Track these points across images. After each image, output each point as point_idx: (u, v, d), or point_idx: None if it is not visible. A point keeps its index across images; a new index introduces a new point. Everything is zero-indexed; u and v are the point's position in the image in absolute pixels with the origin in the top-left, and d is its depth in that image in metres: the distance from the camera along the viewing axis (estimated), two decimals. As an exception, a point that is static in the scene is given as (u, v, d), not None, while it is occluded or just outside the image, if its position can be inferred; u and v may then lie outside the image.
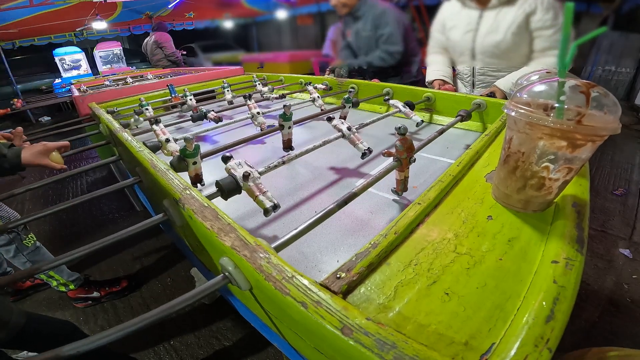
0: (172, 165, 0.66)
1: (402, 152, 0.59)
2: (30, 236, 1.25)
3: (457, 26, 1.28)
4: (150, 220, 0.54)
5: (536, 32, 1.12)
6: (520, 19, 1.11)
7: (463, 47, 1.28)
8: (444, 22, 1.35)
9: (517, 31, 1.13)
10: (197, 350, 1.18)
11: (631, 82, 4.04)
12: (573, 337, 1.14)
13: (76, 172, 0.82)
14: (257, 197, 0.56)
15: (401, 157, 0.60)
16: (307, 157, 0.76)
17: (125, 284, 1.46)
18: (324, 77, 1.67)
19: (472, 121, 1.08)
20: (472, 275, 0.37)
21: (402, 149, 0.59)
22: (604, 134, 0.37)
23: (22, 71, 5.49)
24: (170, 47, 3.83)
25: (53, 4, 4.20)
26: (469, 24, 1.23)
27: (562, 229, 0.41)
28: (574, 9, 0.36)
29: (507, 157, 0.47)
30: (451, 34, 1.31)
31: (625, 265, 1.47)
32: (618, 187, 2.13)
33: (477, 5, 1.21)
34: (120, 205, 2.21)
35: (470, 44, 1.26)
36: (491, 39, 1.18)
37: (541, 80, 0.43)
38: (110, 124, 1.02)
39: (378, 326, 0.28)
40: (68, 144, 0.88)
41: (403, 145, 0.59)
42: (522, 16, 1.11)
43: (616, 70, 4.11)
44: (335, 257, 0.55)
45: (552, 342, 0.27)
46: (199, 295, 0.37)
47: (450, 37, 1.32)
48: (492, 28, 1.17)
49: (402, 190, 0.66)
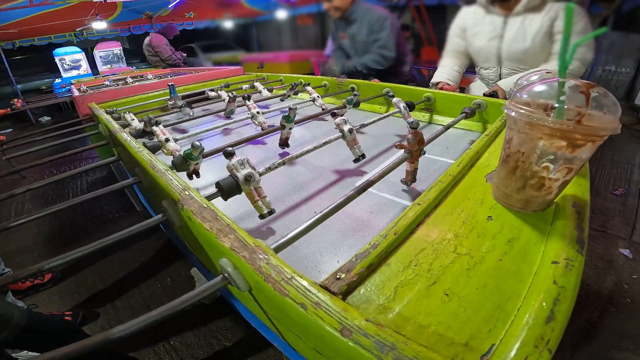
0: (174, 164, 0.66)
1: (413, 145, 0.64)
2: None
3: (481, 33, 1.28)
4: (150, 220, 0.53)
5: (557, 36, 1.13)
6: (547, 25, 1.12)
7: (488, 52, 1.29)
8: (464, 27, 1.35)
9: (544, 37, 1.14)
10: (197, 350, 1.18)
11: (631, 82, 4.04)
12: (573, 337, 1.14)
13: (76, 172, 0.82)
14: (256, 202, 0.56)
15: (412, 149, 0.64)
16: (307, 157, 0.76)
17: (49, 276, 1.50)
18: (324, 77, 1.67)
19: (472, 121, 1.08)
20: (472, 276, 0.37)
21: (413, 142, 0.64)
22: (603, 134, 0.37)
23: (22, 71, 5.47)
24: (165, 51, 3.69)
25: (53, 4, 4.19)
26: (494, 30, 1.23)
27: (562, 229, 0.41)
28: (573, 10, 0.36)
29: (507, 157, 0.46)
30: (475, 40, 1.31)
31: (625, 265, 1.47)
32: (618, 187, 2.13)
33: (502, 12, 1.20)
34: (120, 205, 2.21)
35: (495, 50, 1.26)
36: (518, 46, 1.19)
37: (541, 80, 0.43)
38: (109, 124, 1.02)
39: (377, 327, 0.28)
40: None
41: (415, 138, 0.64)
42: (549, 22, 1.12)
43: (616, 70, 4.11)
44: (335, 258, 0.54)
45: (552, 342, 0.27)
46: (199, 295, 0.37)
47: (474, 43, 1.32)
48: (519, 35, 1.17)
49: (412, 180, 0.69)
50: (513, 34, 1.19)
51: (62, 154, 0.98)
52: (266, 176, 0.64)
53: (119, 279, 1.55)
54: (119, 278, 1.56)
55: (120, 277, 1.57)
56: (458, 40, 1.39)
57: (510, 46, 1.21)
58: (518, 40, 1.18)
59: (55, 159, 0.95)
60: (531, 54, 1.18)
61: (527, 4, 1.13)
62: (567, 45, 0.38)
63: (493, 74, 1.35)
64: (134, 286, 1.51)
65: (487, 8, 1.25)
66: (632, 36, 3.93)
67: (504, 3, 1.19)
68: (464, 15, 1.35)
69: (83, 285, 1.54)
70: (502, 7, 1.20)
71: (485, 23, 1.26)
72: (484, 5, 1.25)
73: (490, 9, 1.24)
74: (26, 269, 0.46)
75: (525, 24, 1.16)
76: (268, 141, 1.12)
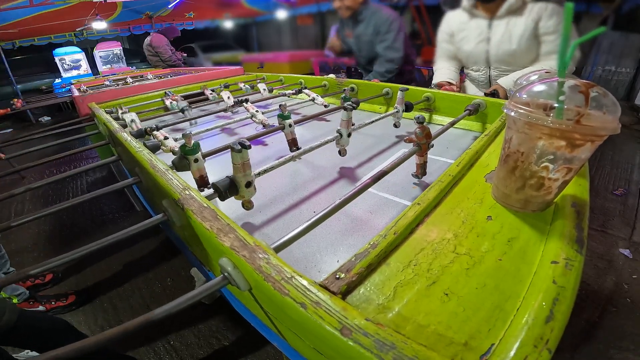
0: (173, 164, 0.66)
1: (421, 138, 0.66)
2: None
3: (468, 37, 1.29)
4: (150, 220, 0.54)
5: (542, 37, 1.14)
6: (530, 27, 1.13)
7: (477, 56, 1.30)
8: (451, 32, 1.35)
9: (529, 39, 1.15)
10: (197, 350, 1.18)
11: (631, 82, 4.04)
12: (573, 337, 1.14)
13: (76, 172, 0.82)
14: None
15: (421, 142, 0.67)
16: (307, 156, 0.76)
17: (72, 299, 1.42)
18: (324, 77, 1.67)
19: (472, 121, 1.08)
20: (471, 276, 0.37)
21: (421, 135, 0.66)
22: (603, 134, 0.37)
23: (22, 71, 5.47)
24: (165, 51, 3.69)
25: (53, 4, 4.20)
26: (480, 34, 1.24)
27: (561, 229, 0.41)
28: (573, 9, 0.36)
29: (506, 157, 0.47)
30: (463, 44, 1.32)
31: (625, 265, 1.47)
32: (618, 187, 2.13)
33: (486, 15, 1.21)
34: (120, 205, 2.21)
35: (484, 54, 1.27)
36: (505, 48, 1.20)
37: (541, 80, 0.43)
38: (109, 124, 1.02)
39: (377, 327, 0.28)
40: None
41: (422, 132, 0.66)
42: (532, 24, 1.13)
43: (616, 70, 4.11)
44: (335, 258, 0.55)
45: (551, 342, 0.27)
46: (199, 295, 0.37)
47: (463, 48, 1.33)
48: (505, 37, 1.19)
49: (422, 174, 0.72)
50: (499, 37, 1.20)
51: (62, 154, 0.98)
52: (266, 176, 0.64)
53: (119, 279, 1.55)
54: (119, 278, 1.56)
55: (120, 277, 1.57)
56: (447, 45, 1.40)
57: (497, 49, 1.22)
58: (504, 42, 1.19)
59: (55, 159, 0.95)
60: (518, 55, 1.20)
61: (509, 7, 1.14)
62: (566, 45, 0.38)
63: (482, 76, 1.36)
64: (134, 286, 1.51)
65: (471, 12, 1.25)
66: (632, 36, 3.93)
67: (487, 6, 1.19)
68: (449, 20, 1.36)
69: (83, 285, 1.54)
70: (486, 10, 1.21)
71: (471, 27, 1.26)
72: (468, 10, 1.26)
73: (474, 13, 1.24)
74: (26, 268, 0.46)
75: (509, 26, 1.17)
76: (268, 141, 1.12)
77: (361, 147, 1.00)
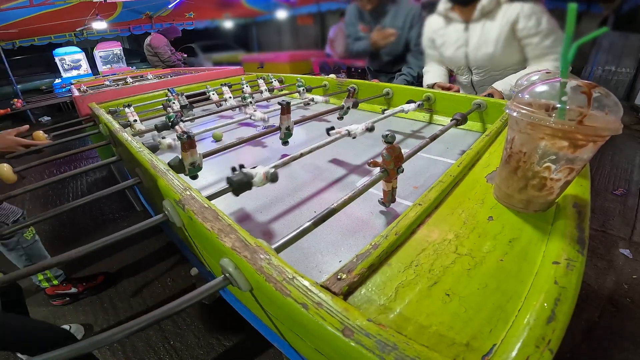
0: (170, 165, 0.66)
1: (389, 162, 0.56)
2: (30, 229, 1.26)
3: (447, 42, 1.28)
4: (150, 220, 0.53)
5: (524, 41, 1.11)
6: (506, 29, 1.11)
7: (458, 61, 1.29)
8: (432, 38, 1.35)
9: (507, 42, 1.13)
10: (197, 350, 1.18)
11: (631, 82, 4.04)
12: (573, 337, 1.14)
13: (76, 172, 0.82)
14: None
15: (388, 167, 0.56)
16: (307, 156, 0.76)
17: (102, 278, 1.50)
18: (324, 77, 1.67)
19: (472, 121, 1.08)
20: (473, 276, 0.37)
21: (389, 159, 0.55)
22: (605, 134, 0.37)
23: (22, 71, 5.47)
24: (164, 52, 3.70)
25: (53, 4, 4.19)
26: (458, 39, 1.23)
27: (563, 229, 0.41)
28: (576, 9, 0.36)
29: (508, 157, 0.46)
30: (443, 50, 1.31)
31: (625, 265, 1.47)
32: (618, 187, 2.13)
33: (461, 18, 1.20)
34: (120, 206, 2.21)
35: (463, 59, 1.26)
36: (483, 52, 1.19)
37: (542, 80, 0.43)
38: (110, 124, 1.02)
39: (379, 327, 0.28)
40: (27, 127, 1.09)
41: (390, 154, 0.55)
42: (507, 26, 1.10)
43: (616, 70, 4.11)
44: (336, 258, 0.54)
45: (553, 342, 0.27)
46: (199, 296, 0.37)
47: (444, 53, 1.32)
48: (482, 42, 1.17)
49: (390, 201, 0.62)
50: (476, 41, 1.18)
51: (62, 154, 0.97)
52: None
53: (119, 279, 1.55)
54: (119, 278, 1.56)
55: (120, 277, 1.57)
56: (431, 51, 1.40)
57: (476, 53, 1.21)
58: (482, 47, 1.18)
59: (55, 159, 0.95)
60: (497, 59, 1.18)
61: (482, 9, 1.12)
62: (569, 45, 0.37)
63: (465, 80, 1.35)
64: (134, 286, 1.51)
65: (447, 16, 1.24)
66: (632, 36, 3.93)
67: (463, 9, 1.18)
68: (429, 26, 1.35)
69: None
70: (462, 14, 1.19)
71: (449, 32, 1.25)
72: (444, 14, 1.25)
73: (450, 17, 1.23)
74: (26, 268, 0.46)
75: (485, 30, 1.15)
76: (267, 141, 1.12)
77: (362, 147, 1.00)
